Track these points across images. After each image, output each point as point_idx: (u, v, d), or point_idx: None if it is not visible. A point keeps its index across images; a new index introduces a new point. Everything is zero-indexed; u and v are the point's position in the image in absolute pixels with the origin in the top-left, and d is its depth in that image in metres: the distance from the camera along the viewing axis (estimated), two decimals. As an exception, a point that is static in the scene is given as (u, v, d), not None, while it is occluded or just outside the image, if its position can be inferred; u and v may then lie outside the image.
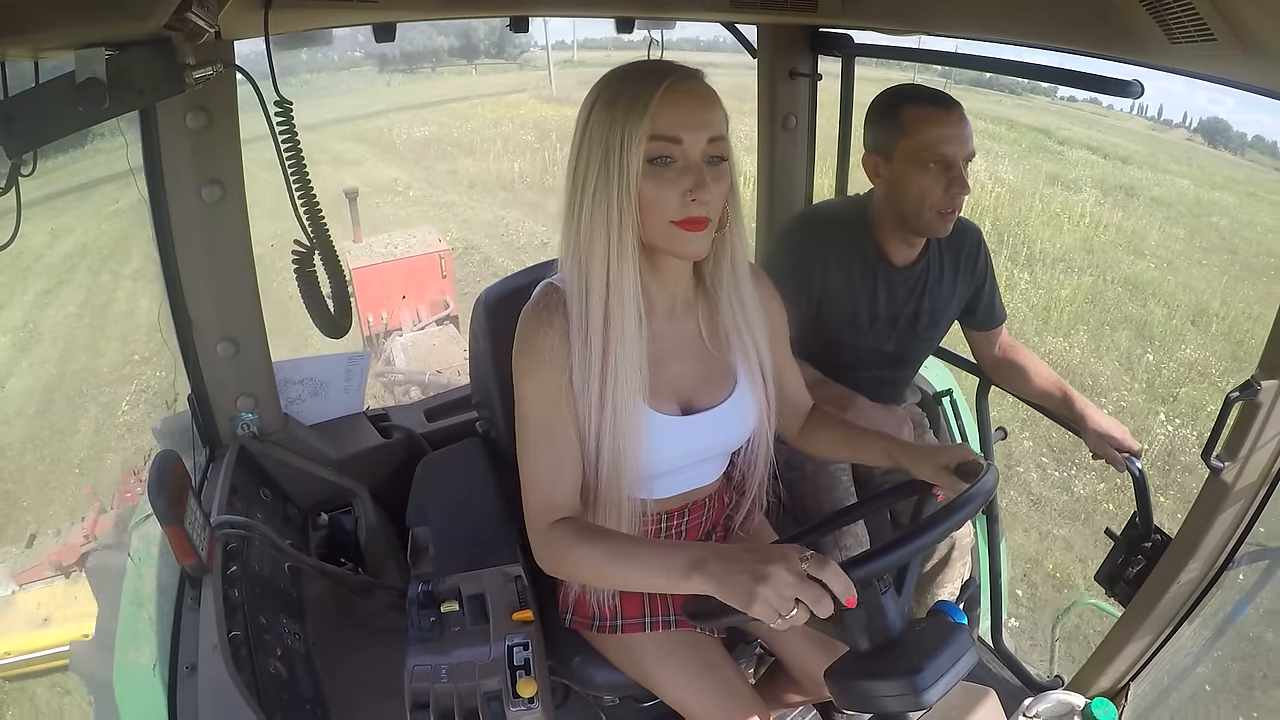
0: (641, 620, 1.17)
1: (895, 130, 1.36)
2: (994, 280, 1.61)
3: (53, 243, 9.20)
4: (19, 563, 3.92)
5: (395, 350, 5.79)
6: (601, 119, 0.88)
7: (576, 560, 0.93)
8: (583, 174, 0.90)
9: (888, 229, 1.46)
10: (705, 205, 0.88)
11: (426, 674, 1.05)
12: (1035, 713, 1.31)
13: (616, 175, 0.87)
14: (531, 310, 0.97)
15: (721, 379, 1.06)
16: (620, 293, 0.92)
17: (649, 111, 0.86)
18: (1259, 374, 1.09)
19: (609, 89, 0.90)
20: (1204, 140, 19.74)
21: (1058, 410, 1.55)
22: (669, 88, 0.86)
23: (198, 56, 1.01)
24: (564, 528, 0.96)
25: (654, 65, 0.90)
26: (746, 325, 1.04)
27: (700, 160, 0.88)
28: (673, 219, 0.89)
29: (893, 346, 1.56)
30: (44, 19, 0.69)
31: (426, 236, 6.75)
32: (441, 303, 6.35)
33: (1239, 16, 0.83)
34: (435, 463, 1.56)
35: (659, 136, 0.87)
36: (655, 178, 0.88)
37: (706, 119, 0.88)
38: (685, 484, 1.13)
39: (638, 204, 0.89)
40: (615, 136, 0.87)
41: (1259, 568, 1.28)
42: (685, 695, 1.13)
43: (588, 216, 0.90)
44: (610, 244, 0.90)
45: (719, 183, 0.90)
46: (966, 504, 0.88)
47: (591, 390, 0.94)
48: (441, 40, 26.12)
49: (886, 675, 0.82)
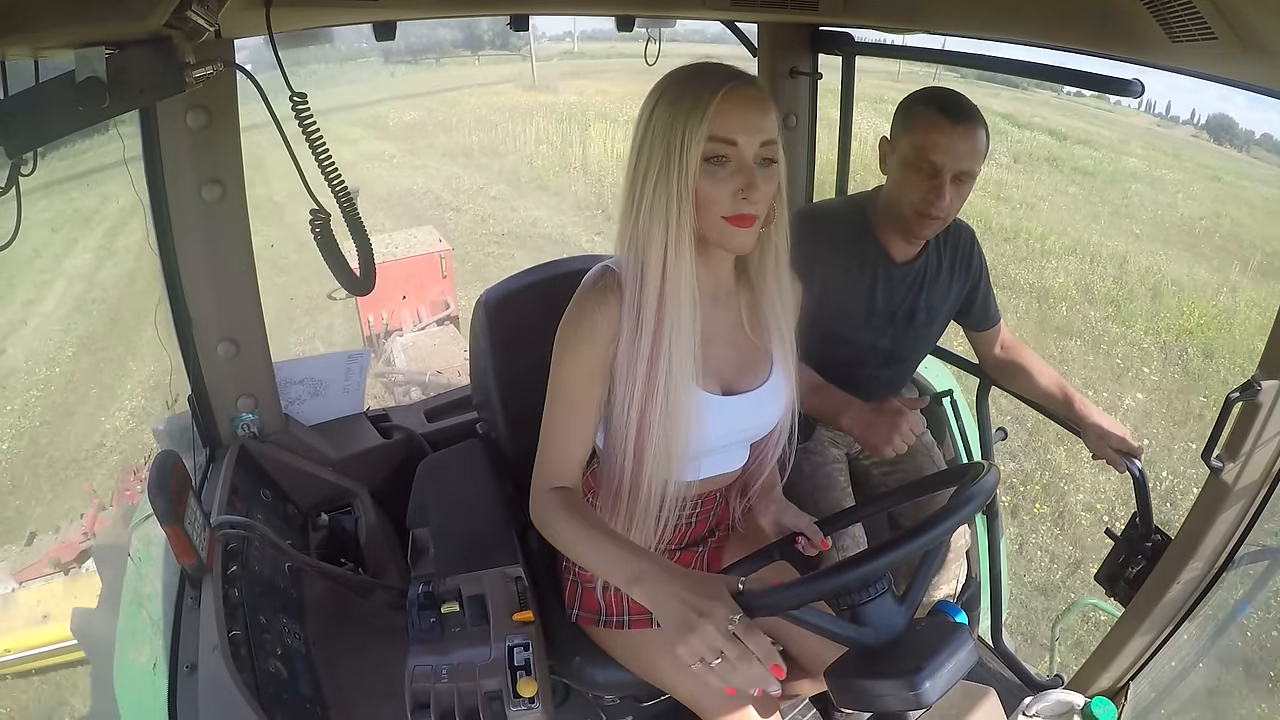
0: (649, 615, 1.17)
1: (903, 125, 1.38)
2: (988, 280, 1.62)
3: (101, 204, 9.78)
4: (18, 560, 3.92)
5: (395, 350, 5.79)
6: (664, 117, 0.93)
7: (556, 529, 1.01)
8: (644, 168, 0.95)
9: (890, 224, 1.47)
10: (755, 204, 0.94)
11: (427, 674, 1.05)
12: (1035, 712, 1.31)
13: (676, 171, 0.92)
14: (587, 290, 1.02)
15: (759, 364, 1.11)
16: (676, 280, 0.96)
17: (709, 114, 0.91)
18: (1259, 374, 1.09)
19: (671, 89, 0.95)
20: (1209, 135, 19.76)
21: (1059, 411, 1.55)
22: (727, 93, 0.91)
23: (198, 55, 1.01)
24: (557, 496, 1.03)
25: (715, 69, 0.95)
26: (785, 316, 1.09)
27: (752, 161, 0.93)
28: (724, 214, 0.94)
29: (889, 343, 1.56)
30: (44, 18, 0.69)
31: (427, 237, 6.74)
32: (442, 303, 6.34)
33: (1240, 16, 0.83)
34: (435, 464, 1.56)
35: (716, 138, 0.92)
36: (711, 176, 0.93)
37: (760, 124, 0.93)
38: (709, 469, 1.15)
39: (694, 199, 0.94)
40: (676, 135, 0.92)
41: (1259, 568, 1.28)
42: (692, 689, 1.14)
43: (647, 208, 0.95)
44: (669, 234, 0.95)
45: (768, 183, 0.95)
46: (967, 504, 0.88)
47: (639, 371, 0.98)
48: (445, 33, 26.64)
49: (886, 674, 0.82)
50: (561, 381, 1.03)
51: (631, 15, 1.58)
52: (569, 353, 1.01)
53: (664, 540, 1.13)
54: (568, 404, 1.03)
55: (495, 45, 25.23)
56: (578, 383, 1.02)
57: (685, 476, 1.11)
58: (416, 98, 15.48)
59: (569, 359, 1.01)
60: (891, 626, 0.87)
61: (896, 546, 0.85)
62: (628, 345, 0.98)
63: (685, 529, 1.20)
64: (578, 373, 1.01)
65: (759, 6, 1.54)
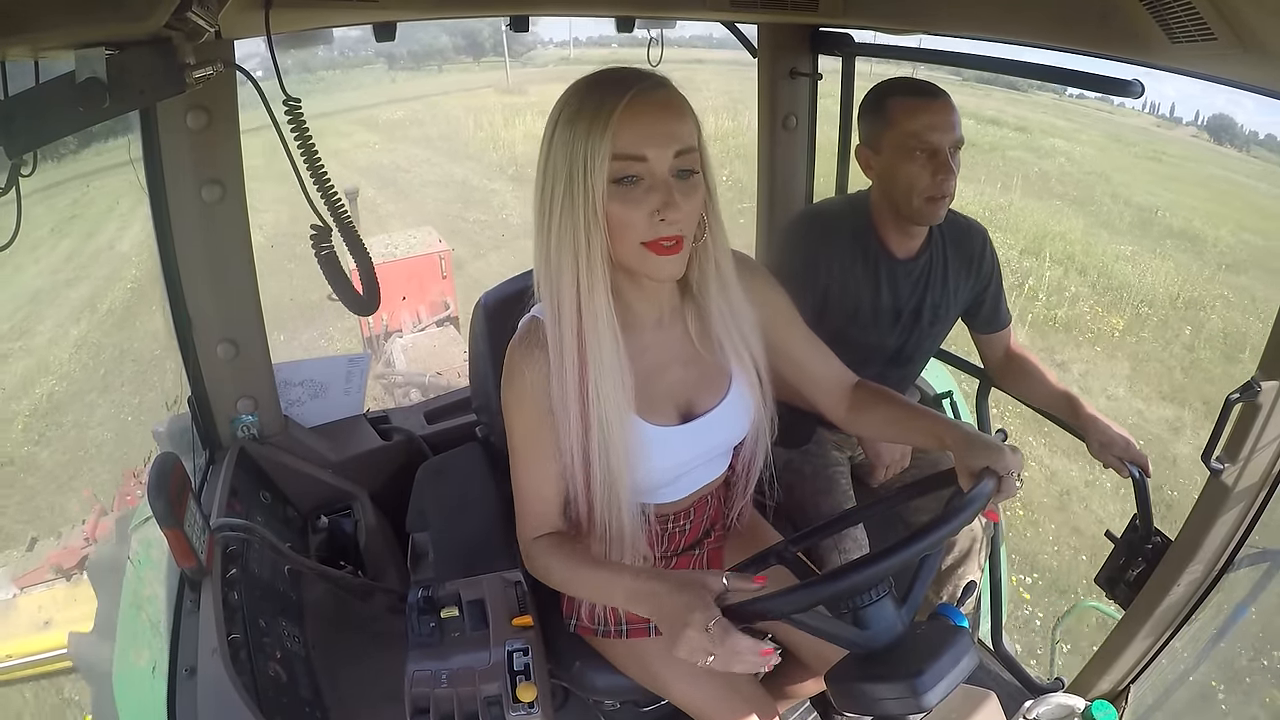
0: (647, 624, 1.17)
1: (882, 122, 1.39)
2: (1000, 283, 1.61)
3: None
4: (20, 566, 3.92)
5: (395, 352, 5.79)
6: (564, 137, 0.85)
7: (550, 573, 1.01)
8: (548, 196, 0.87)
9: (887, 221, 1.48)
10: (675, 224, 0.85)
11: (427, 679, 1.05)
12: (1035, 715, 1.30)
13: (581, 197, 0.84)
14: (516, 346, 0.98)
15: (717, 380, 1.06)
16: (593, 316, 0.89)
17: (610, 129, 0.82)
18: (1259, 375, 1.08)
19: (570, 104, 0.86)
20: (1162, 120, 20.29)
21: (1063, 416, 1.54)
22: (630, 101, 0.82)
23: (198, 56, 1.01)
24: (542, 543, 1.02)
25: (616, 76, 0.86)
26: (737, 327, 1.02)
27: (668, 176, 0.85)
28: (642, 240, 0.86)
29: (896, 342, 1.56)
30: (44, 19, 0.69)
31: (427, 237, 6.74)
32: (442, 304, 6.34)
33: (1239, 16, 0.83)
34: (435, 468, 1.56)
35: (622, 155, 0.83)
36: (622, 198, 0.84)
37: (672, 132, 0.84)
38: (691, 485, 1.14)
39: (606, 226, 0.86)
40: (578, 157, 0.83)
41: (1259, 570, 1.28)
42: (693, 695, 1.13)
43: (555, 240, 0.88)
44: (580, 268, 0.87)
45: (689, 197, 0.86)
46: (967, 507, 0.88)
47: (571, 414, 0.94)
48: (447, 39, 27.33)
49: (887, 678, 0.82)
50: (516, 437, 1.00)
51: (631, 16, 1.58)
52: (512, 411, 0.99)
53: (658, 550, 1.13)
54: (527, 457, 1.00)
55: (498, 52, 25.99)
56: (529, 436, 0.99)
57: (669, 498, 1.11)
58: (407, 101, 17.68)
59: (514, 417, 0.99)
60: (892, 630, 0.87)
61: (891, 553, 0.84)
62: (558, 388, 0.94)
63: (679, 537, 1.19)
64: (526, 427, 0.99)
65: (759, 7, 1.54)
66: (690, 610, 0.79)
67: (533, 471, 1.01)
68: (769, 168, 1.99)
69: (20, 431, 5.76)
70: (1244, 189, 13.55)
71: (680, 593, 0.82)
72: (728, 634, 0.77)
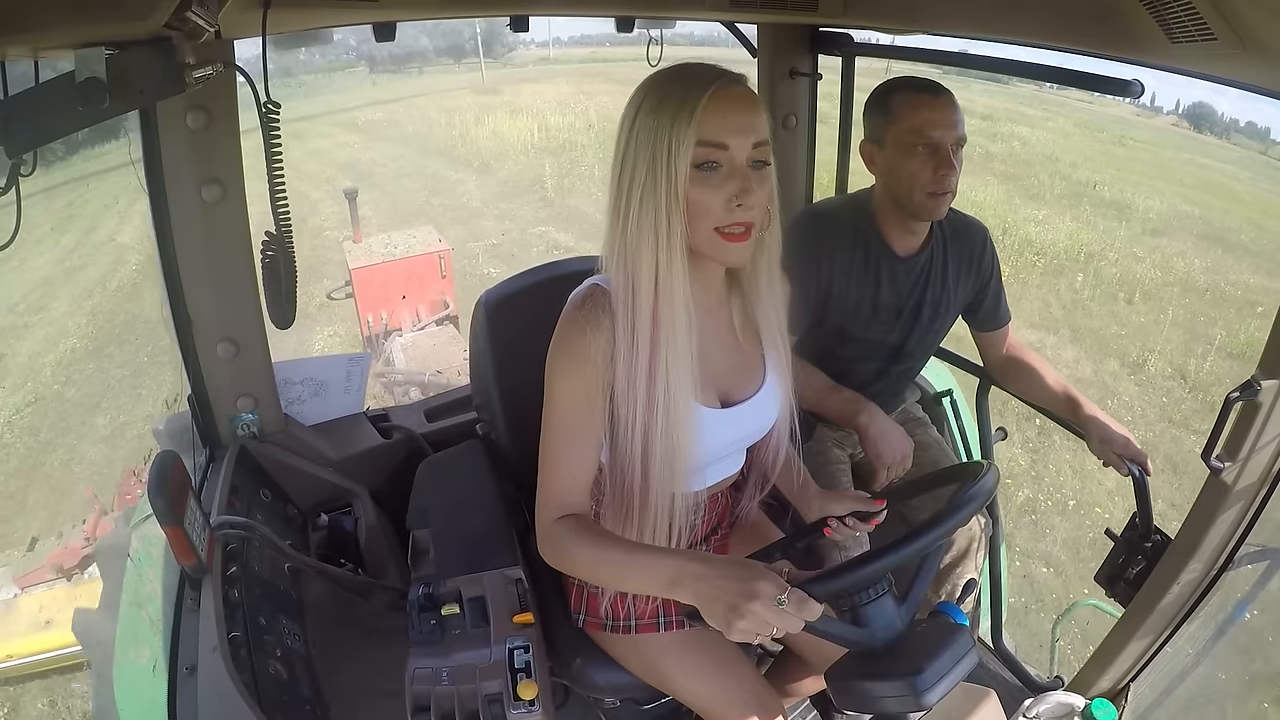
0: (656, 620, 1.17)
1: (886, 118, 1.40)
2: (1000, 280, 1.62)
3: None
4: (20, 565, 3.93)
5: (395, 350, 5.78)
6: (647, 123, 0.88)
7: (573, 557, 0.95)
8: (629, 178, 0.90)
9: (889, 218, 1.48)
10: (750, 210, 0.89)
11: (427, 676, 1.05)
12: (1035, 713, 1.30)
13: (664, 180, 0.88)
14: (576, 310, 0.96)
15: (754, 371, 1.09)
16: (670, 296, 0.92)
17: (695, 117, 0.86)
18: (1259, 374, 1.08)
19: (654, 93, 0.90)
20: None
21: (1063, 414, 1.54)
22: (714, 93, 0.87)
23: (197, 56, 1.01)
24: (567, 524, 0.97)
25: (698, 69, 0.90)
26: (777, 320, 1.06)
27: (745, 165, 0.89)
28: (717, 225, 0.90)
29: (896, 339, 1.56)
30: (44, 18, 0.69)
31: (426, 237, 6.74)
32: (441, 303, 6.34)
33: (1239, 16, 0.83)
34: (435, 465, 1.56)
35: (706, 142, 0.87)
36: (702, 183, 0.88)
37: (751, 124, 0.89)
38: (713, 476, 1.15)
39: (685, 209, 0.89)
40: (662, 142, 0.87)
41: (1259, 568, 1.28)
42: (700, 691, 1.14)
43: (635, 221, 0.90)
44: (659, 248, 0.90)
45: (763, 187, 0.90)
46: (966, 505, 0.88)
47: (638, 391, 0.94)
48: (427, 41, 27.82)
49: (887, 676, 0.82)
50: (559, 408, 0.97)
51: (631, 16, 1.58)
52: (564, 377, 0.95)
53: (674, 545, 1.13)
54: (568, 431, 0.97)
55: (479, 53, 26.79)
56: (577, 408, 0.96)
57: (692, 487, 1.11)
58: (386, 103, 18.58)
59: (565, 384, 0.95)
60: (891, 628, 0.87)
61: (905, 544, 0.84)
62: (626, 366, 0.94)
63: (690, 532, 1.20)
64: (576, 398, 0.95)
65: (759, 7, 1.54)
66: (757, 582, 0.78)
67: (572, 448, 0.97)
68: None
69: (49, 375, 6.82)
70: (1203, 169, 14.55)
71: (740, 568, 0.81)
72: (803, 604, 0.77)
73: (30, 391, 6.50)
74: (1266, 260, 9.43)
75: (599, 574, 0.97)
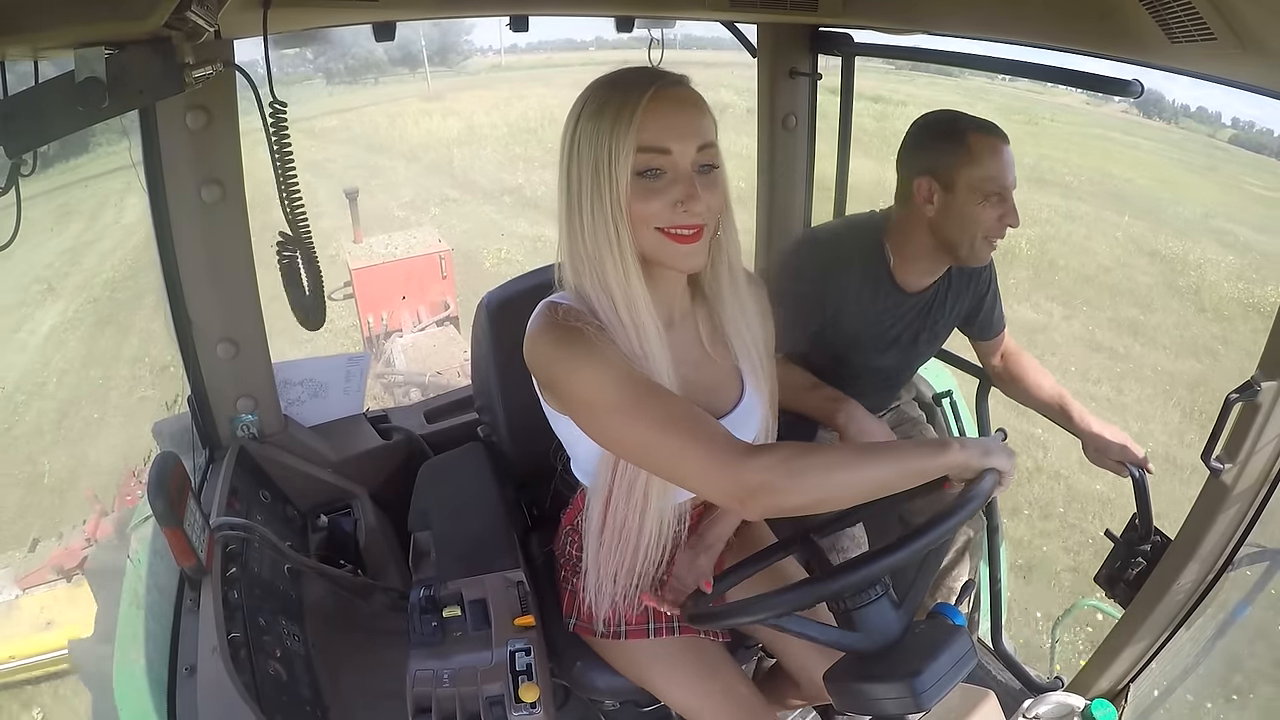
0: (645, 626, 1.16)
1: (959, 157, 1.31)
2: (996, 291, 1.60)
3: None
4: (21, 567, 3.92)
5: (395, 351, 5.79)
6: (588, 130, 0.86)
7: (811, 472, 0.78)
8: (575, 189, 0.87)
9: (910, 254, 1.43)
10: (697, 215, 0.86)
11: (429, 679, 1.05)
12: (1035, 714, 1.30)
13: (608, 189, 0.85)
14: (555, 320, 0.89)
15: (729, 385, 1.05)
16: (634, 306, 0.89)
17: (635, 122, 0.83)
18: (1259, 374, 1.08)
19: (594, 98, 0.87)
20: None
21: (1057, 422, 1.55)
22: (654, 95, 0.84)
23: (197, 56, 1.01)
24: (777, 449, 0.80)
25: (638, 73, 0.88)
26: (748, 327, 1.02)
27: (690, 170, 0.86)
28: (659, 225, 0.86)
29: (890, 362, 1.56)
30: (44, 18, 0.69)
31: (426, 237, 6.75)
32: (442, 304, 6.35)
33: (1239, 16, 0.83)
34: (436, 467, 1.56)
35: (647, 148, 0.84)
36: (645, 191, 0.85)
37: (695, 127, 0.86)
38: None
39: (629, 218, 0.86)
40: (604, 149, 0.84)
41: (1259, 569, 1.28)
42: (689, 699, 1.13)
43: (589, 233, 0.88)
44: (615, 259, 0.87)
45: (710, 191, 0.87)
46: (965, 506, 0.88)
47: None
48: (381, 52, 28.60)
49: (885, 678, 0.82)
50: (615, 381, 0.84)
51: (631, 15, 1.58)
52: (592, 362, 0.85)
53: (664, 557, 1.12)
54: (650, 388, 0.84)
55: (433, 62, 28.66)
56: (628, 372, 0.85)
57: (681, 498, 1.10)
58: (340, 112, 20.66)
59: (595, 365, 0.85)
60: (885, 632, 0.87)
61: (884, 555, 0.84)
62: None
63: (674, 543, 1.18)
64: (620, 366, 0.85)
65: (759, 7, 1.54)
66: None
67: (662, 399, 0.84)
68: (769, 168, 1.99)
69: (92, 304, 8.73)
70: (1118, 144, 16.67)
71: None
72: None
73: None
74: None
75: (852, 474, 0.80)
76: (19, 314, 8.49)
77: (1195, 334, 8.34)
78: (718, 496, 0.82)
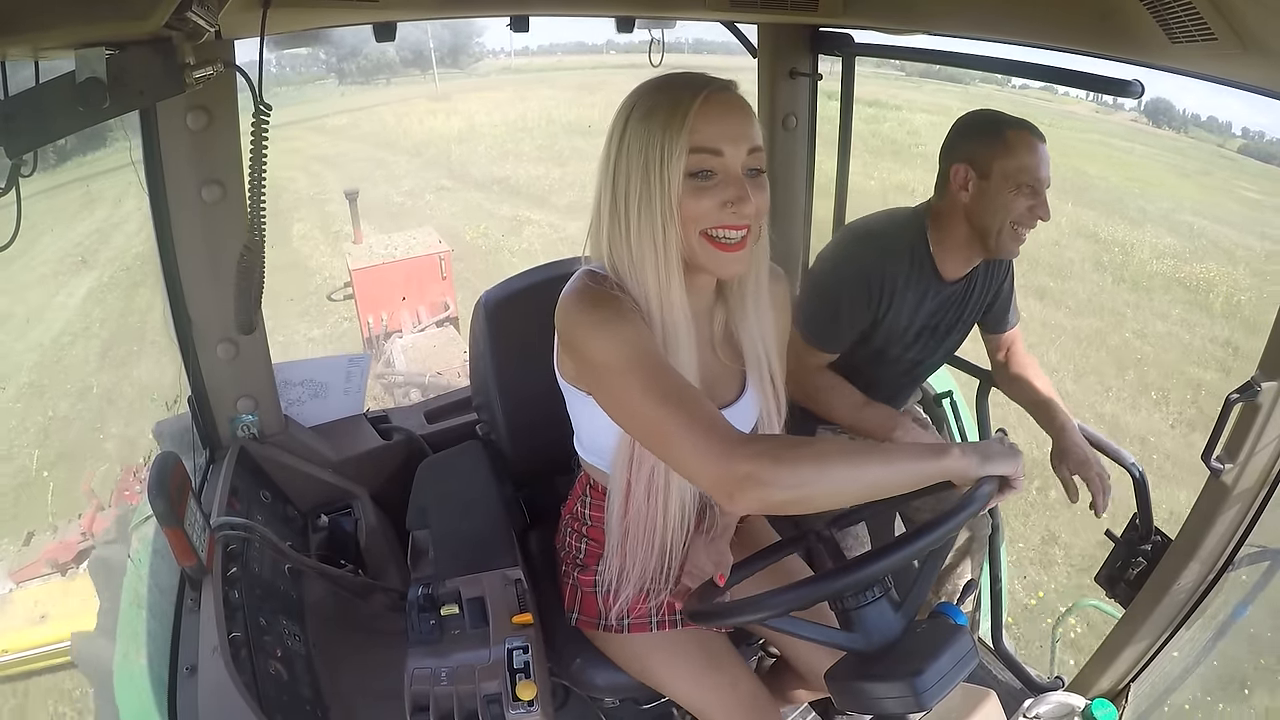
0: (648, 620, 1.17)
1: (996, 149, 1.36)
2: (1013, 284, 1.62)
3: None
4: (16, 560, 3.92)
5: (395, 352, 5.79)
6: (638, 131, 0.87)
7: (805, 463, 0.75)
8: (622, 189, 0.88)
9: (949, 243, 1.45)
10: (745, 217, 0.87)
11: (427, 677, 1.05)
12: (1035, 714, 1.31)
13: (658, 189, 0.86)
14: (592, 285, 0.90)
15: (730, 383, 1.06)
16: (671, 306, 0.90)
17: (688, 124, 0.84)
18: (1259, 375, 1.09)
19: (644, 101, 0.88)
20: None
21: (1038, 423, 1.56)
22: (706, 99, 0.85)
23: (198, 56, 1.01)
24: (770, 439, 0.85)
25: (689, 77, 0.89)
26: (761, 334, 1.03)
27: (740, 172, 0.87)
28: (705, 228, 0.87)
29: (918, 354, 1.57)
30: (44, 19, 0.69)
31: (426, 238, 6.75)
32: (441, 304, 6.35)
33: (1239, 16, 0.83)
34: (435, 465, 1.56)
35: (700, 149, 0.85)
36: (696, 191, 0.86)
37: (745, 130, 0.87)
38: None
39: (679, 218, 0.87)
40: (655, 150, 0.85)
41: (1259, 569, 1.28)
42: (692, 692, 1.13)
43: (635, 233, 0.89)
44: (658, 259, 0.88)
45: (759, 194, 0.88)
46: (966, 507, 0.87)
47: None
48: (394, 53, 29.58)
49: (887, 677, 0.82)
50: (630, 354, 0.83)
51: (631, 16, 1.58)
52: (613, 329, 0.84)
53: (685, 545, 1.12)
54: (661, 367, 0.83)
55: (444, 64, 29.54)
56: (648, 346, 0.85)
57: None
58: (351, 111, 21.69)
59: (615, 334, 0.84)
60: (886, 632, 0.87)
61: (882, 555, 0.84)
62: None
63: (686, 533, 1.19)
64: (640, 340, 0.85)
65: (759, 7, 1.54)
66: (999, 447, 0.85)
67: (672, 377, 0.83)
68: (769, 168, 1.97)
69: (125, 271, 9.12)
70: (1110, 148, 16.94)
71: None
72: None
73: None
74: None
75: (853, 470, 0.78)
76: (55, 283, 9.00)
77: (1105, 300, 8.69)
78: (706, 482, 0.80)
